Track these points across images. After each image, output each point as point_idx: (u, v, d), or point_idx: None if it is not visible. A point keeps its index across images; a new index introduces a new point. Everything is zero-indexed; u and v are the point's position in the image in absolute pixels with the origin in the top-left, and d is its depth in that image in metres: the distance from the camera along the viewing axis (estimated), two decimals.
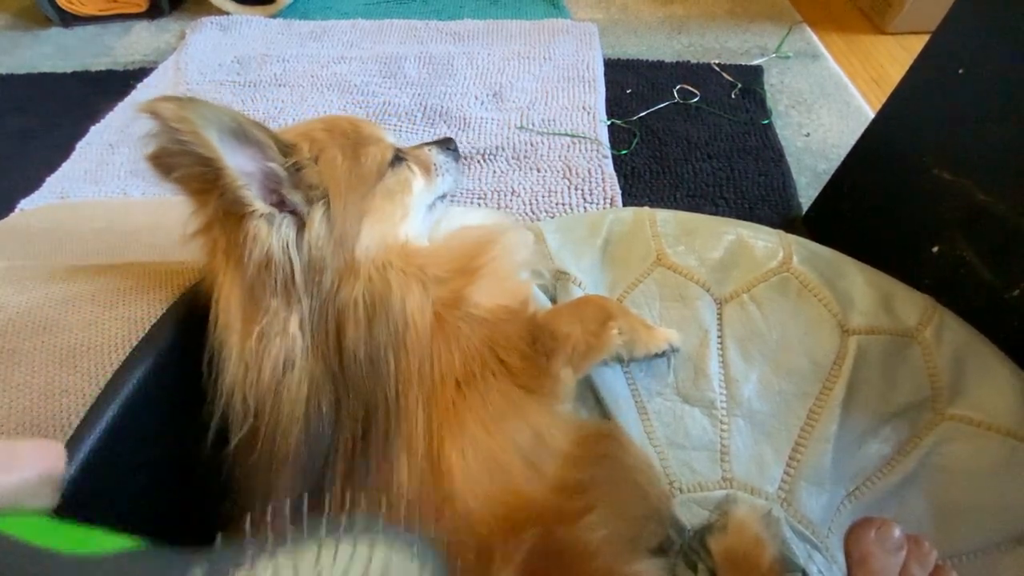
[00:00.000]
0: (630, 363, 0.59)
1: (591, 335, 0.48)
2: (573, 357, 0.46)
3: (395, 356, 0.37)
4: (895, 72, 1.14)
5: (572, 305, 0.55)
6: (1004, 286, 0.55)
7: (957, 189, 0.59)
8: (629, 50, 1.26)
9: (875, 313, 0.58)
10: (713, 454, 0.55)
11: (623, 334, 0.51)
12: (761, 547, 0.45)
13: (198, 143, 0.31)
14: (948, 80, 0.59)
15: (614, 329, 0.50)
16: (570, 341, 0.46)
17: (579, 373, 0.49)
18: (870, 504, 0.52)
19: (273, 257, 0.34)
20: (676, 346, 0.58)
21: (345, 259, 0.37)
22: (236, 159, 0.33)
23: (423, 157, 0.52)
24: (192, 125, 0.30)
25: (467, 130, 1.04)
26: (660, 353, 0.57)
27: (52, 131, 1.12)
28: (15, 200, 0.94)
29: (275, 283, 0.35)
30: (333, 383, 0.35)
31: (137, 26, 1.43)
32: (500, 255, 0.46)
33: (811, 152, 0.99)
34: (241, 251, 0.34)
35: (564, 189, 0.92)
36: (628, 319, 0.54)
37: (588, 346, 0.48)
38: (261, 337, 0.34)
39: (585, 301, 0.55)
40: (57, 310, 0.38)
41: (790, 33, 1.28)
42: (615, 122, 1.06)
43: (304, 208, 0.36)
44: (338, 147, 0.41)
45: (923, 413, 0.54)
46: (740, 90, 1.12)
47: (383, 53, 1.26)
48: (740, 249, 0.64)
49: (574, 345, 0.46)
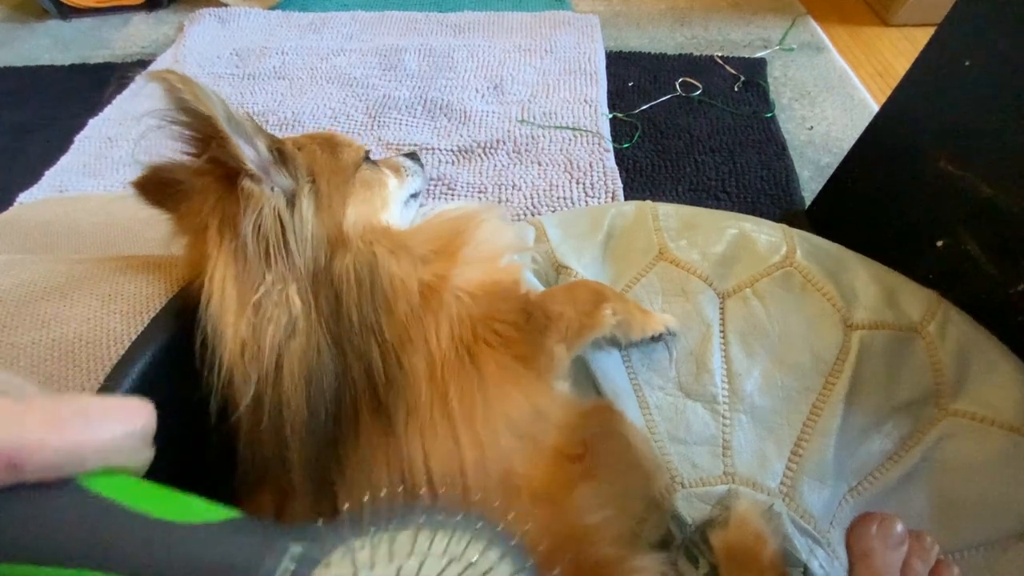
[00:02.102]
0: (628, 348, 0.58)
1: (584, 315, 0.49)
2: (567, 335, 0.47)
3: (387, 321, 0.38)
4: (900, 65, 1.13)
5: (566, 288, 0.55)
6: (1009, 281, 0.54)
7: (962, 183, 0.58)
8: (631, 42, 1.25)
9: (879, 308, 0.58)
10: (715, 449, 0.55)
11: (617, 315, 0.52)
12: (762, 542, 0.45)
13: (198, 102, 0.32)
14: (954, 72, 0.58)
15: (607, 310, 0.50)
16: (563, 319, 0.47)
17: (572, 351, 0.49)
18: (872, 499, 0.52)
19: (266, 221, 0.36)
20: (673, 330, 0.58)
21: (335, 231, 0.39)
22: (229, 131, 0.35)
23: (391, 162, 0.56)
24: (193, 86, 0.32)
25: (468, 123, 1.04)
26: (657, 336, 0.57)
27: (50, 124, 1.11)
28: (13, 194, 0.94)
29: (270, 252, 0.36)
30: (335, 346, 0.36)
31: (135, 18, 1.42)
32: (480, 235, 0.47)
33: (814, 145, 0.99)
34: (236, 220, 0.35)
35: (565, 183, 0.91)
36: (622, 302, 0.55)
37: (581, 324, 0.48)
38: (258, 308, 0.35)
39: (579, 284, 0.56)
40: (55, 304, 0.38)
41: (794, 25, 1.26)
42: (617, 115, 1.05)
43: (291, 184, 0.38)
44: (316, 144, 0.44)
45: (926, 408, 0.54)
46: (743, 83, 1.11)
47: (383, 45, 1.25)
48: (743, 243, 0.64)
49: (567, 323, 0.47)
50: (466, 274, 0.44)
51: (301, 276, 0.36)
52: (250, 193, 0.35)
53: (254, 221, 0.35)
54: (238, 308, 0.35)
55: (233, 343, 0.34)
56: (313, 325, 0.36)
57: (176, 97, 0.32)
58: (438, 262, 0.43)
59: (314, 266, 0.37)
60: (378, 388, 0.37)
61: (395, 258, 0.41)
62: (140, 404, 0.23)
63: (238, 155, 0.35)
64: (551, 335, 0.45)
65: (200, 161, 0.36)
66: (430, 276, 0.42)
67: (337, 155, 0.44)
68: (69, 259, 0.44)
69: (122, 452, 0.22)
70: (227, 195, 0.36)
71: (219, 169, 0.36)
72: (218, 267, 0.36)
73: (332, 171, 0.42)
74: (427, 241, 0.45)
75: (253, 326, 0.34)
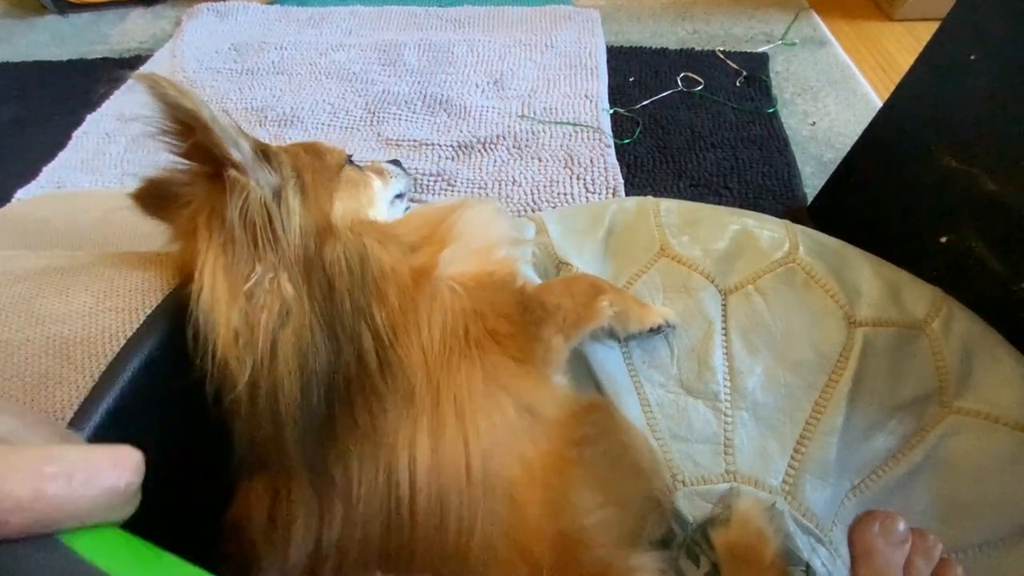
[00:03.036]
0: (627, 341, 0.58)
1: (581, 306, 0.49)
2: (564, 326, 0.47)
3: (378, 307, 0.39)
4: (903, 60, 1.12)
5: (563, 281, 0.56)
6: (1013, 277, 0.54)
7: (966, 178, 0.57)
8: (632, 37, 1.25)
9: (882, 305, 0.57)
10: (716, 447, 0.54)
11: (614, 306, 0.52)
12: (764, 540, 0.44)
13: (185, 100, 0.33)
14: (958, 67, 0.57)
15: (604, 301, 0.51)
16: (561, 311, 0.47)
17: (570, 342, 0.49)
18: (875, 497, 0.52)
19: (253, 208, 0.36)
20: (672, 323, 0.58)
21: (323, 222, 0.40)
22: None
23: (374, 167, 0.57)
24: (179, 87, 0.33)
25: (467, 119, 1.03)
26: (655, 328, 0.57)
27: (48, 120, 1.11)
28: (11, 190, 0.94)
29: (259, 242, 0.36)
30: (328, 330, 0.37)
31: (133, 13, 1.41)
32: (467, 223, 0.48)
33: (817, 141, 0.98)
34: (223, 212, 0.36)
35: (566, 179, 0.91)
36: (620, 295, 0.55)
37: (578, 316, 0.49)
38: (250, 297, 0.35)
39: (576, 277, 0.57)
40: (51, 300, 0.38)
41: (796, 20, 1.25)
42: (618, 111, 1.05)
43: (276, 180, 0.39)
44: (300, 148, 0.45)
45: (930, 406, 0.53)
46: (745, 78, 1.10)
47: (382, 40, 1.24)
48: (745, 239, 0.64)
49: (565, 315, 0.47)
50: (459, 266, 0.45)
51: (291, 264, 0.37)
52: (235, 181, 0.36)
53: (240, 208, 0.36)
54: (229, 298, 0.35)
55: (225, 331, 0.35)
56: (306, 311, 0.36)
57: (160, 93, 0.33)
58: (425, 248, 0.44)
59: (304, 254, 0.38)
60: (370, 371, 0.37)
61: (384, 247, 0.41)
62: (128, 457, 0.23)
63: (222, 145, 0.35)
64: (548, 326, 0.46)
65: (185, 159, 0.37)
66: (419, 263, 0.43)
67: (321, 157, 0.45)
68: (65, 255, 0.43)
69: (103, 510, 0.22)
70: (214, 191, 0.37)
71: (206, 170, 0.37)
72: (208, 259, 0.36)
73: (316, 169, 0.43)
74: (414, 230, 0.46)
75: (245, 314, 0.35)
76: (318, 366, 0.36)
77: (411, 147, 0.99)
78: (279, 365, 0.35)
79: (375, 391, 0.37)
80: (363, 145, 1.00)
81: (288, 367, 0.35)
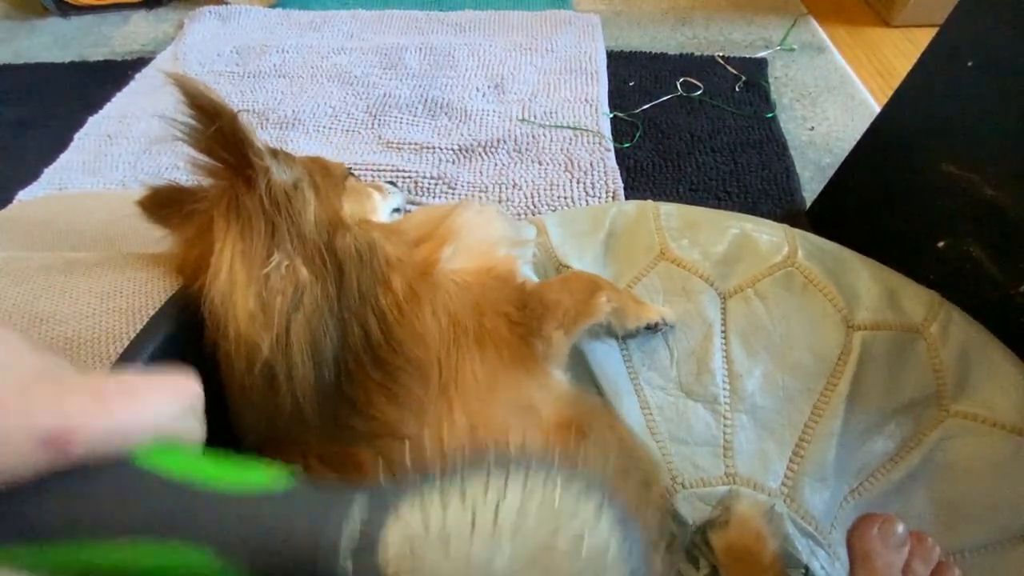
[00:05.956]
0: (625, 339, 0.59)
1: (580, 303, 0.50)
2: (564, 321, 0.48)
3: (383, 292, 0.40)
4: (901, 65, 1.13)
5: (561, 279, 0.57)
6: (1011, 282, 0.54)
7: (964, 184, 0.58)
8: (632, 42, 1.25)
9: (880, 308, 0.58)
10: (716, 449, 0.54)
11: (612, 302, 0.53)
12: (763, 542, 0.45)
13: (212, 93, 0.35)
14: (956, 73, 0.58)
15: (603, 297, 0.52)
16: (560, 307, 0.48)
17: (570, 336, 0.50)
18: (873, 500, 0.52)
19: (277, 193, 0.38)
20: (669, 321, 0.59)
21: (335, 216, 0.42)
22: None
23: (373, 183, 0.59)
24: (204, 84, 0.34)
25: (468, 122, 1.03)
26: (653, 326, 0.58)
27: (50, 122, 1.10)
28: (13, 191, 0.94)
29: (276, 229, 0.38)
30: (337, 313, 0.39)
31: (135, 16, 1.41)
32: (468, 222, 0.49)
33: (815, 146, 0.99)
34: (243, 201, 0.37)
35: (566, 182, 0.91)
36: (617, 292, 0.56)
37: (577, 312, 0.50)
38: (267, 281, 0.37)
39: (574, 275, 0.58)
40: (55, 302, 0.38)
41: (795, 25, 1.26)
42: (618, 115, 1.05)
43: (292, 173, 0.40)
44: (305, 158, 0.47)
45: (928, 409, 0.53)
46: (744, 83, 1.11)
47: (383, 44, 1.25)
48: (744, 243, 0.64)
49: (564, 311, 0.48)
50: (460, 262, 0.46)
51: (307, 251, 0.39)
52: (261, 166, 0.37)
53: (265, 191, 0.37)
54: (246, 282, 0.36)
55: (243, 313, 0.36)
56: (318, 295, 0.38)
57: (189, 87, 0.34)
58: (427, 244, 0.46)
59: (318, 242, 0.39)
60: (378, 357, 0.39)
61: (389, 242, 0.43)
62: (186, 379, 0.23)
63: (247, 133, 0.36)
64: (548, 322, 0.47)
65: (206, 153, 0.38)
66: (420, 257, 0.45)
67: (326, 167, 0.47)
68: (68, 257, 0.44)
69: (172, 428, 0.22)
70: (234, 183, 0.38)
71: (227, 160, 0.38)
72: (226, 246, 0.37)
73: (324, 174, 0.45)
74: (416, 227, 0.48)
75: (262, 298, 0.36)
76: (328, 348, 0.37)
77: (412, 150, 0.99)
78: (292, 347, 0.36)
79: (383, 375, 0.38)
80: (364, 148, 1.01)
81: (300, 348, 0.36)
